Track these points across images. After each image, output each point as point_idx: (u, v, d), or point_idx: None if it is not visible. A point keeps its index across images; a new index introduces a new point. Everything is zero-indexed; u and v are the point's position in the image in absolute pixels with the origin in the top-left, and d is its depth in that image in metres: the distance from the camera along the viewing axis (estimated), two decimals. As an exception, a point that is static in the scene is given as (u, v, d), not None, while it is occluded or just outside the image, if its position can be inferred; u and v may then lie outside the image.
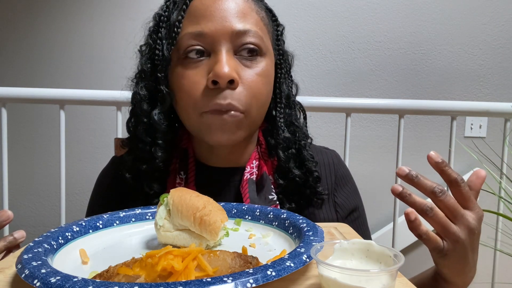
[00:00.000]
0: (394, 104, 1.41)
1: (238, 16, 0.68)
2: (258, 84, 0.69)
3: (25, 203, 2.14)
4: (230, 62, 0.67)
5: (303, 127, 0.82)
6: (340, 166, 0.85)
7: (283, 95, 0.78)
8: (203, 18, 0.68)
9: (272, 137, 0.78)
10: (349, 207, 0.82)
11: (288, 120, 0.79)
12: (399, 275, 0.46)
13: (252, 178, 0.75)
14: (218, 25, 0.67)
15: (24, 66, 2.11)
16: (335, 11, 2.12)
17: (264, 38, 0.71)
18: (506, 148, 1.43)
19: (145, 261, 0.42)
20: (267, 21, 0.75)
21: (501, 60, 2.16)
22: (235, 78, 0.66)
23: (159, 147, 0.73)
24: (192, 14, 0.69)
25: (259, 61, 0.70)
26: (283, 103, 0.78)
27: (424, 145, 2.14)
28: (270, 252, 0.54)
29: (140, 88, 0.73)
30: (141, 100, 0.73)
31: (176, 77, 0.70)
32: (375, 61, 2.14)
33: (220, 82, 0.65)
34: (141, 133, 0.73)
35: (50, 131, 2.07)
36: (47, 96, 1.33)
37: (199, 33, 0.67)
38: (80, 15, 2.10)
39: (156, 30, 0.72)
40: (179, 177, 0.75)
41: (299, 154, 0.78)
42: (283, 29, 0.80)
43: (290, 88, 0.81)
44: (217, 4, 0.68)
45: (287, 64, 0.80)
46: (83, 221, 0.59)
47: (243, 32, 0.68)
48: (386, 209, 2.08)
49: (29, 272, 0.40)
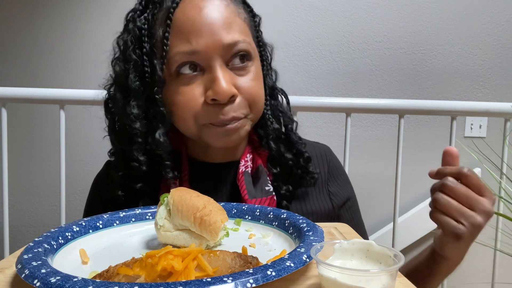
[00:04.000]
0: (394, 104, 1.41)
1: (225, 27, 0.67)
2: (255, 89, 0.71)
3: (25, 203, 2.14)
4: (226, 77, 0.67)
5: (287, 111, 0.84)
6: (332, 157, 0.88)
7: (267, 87, 0.79)
8: (191, 34, 0.66)
9: (262, 129, 0.79)
10: (344, 196, 0.84)
11: (275, 109, 0.81)
12: (399, 275, 0.46)
13: (248, 171, 0.76)
14: (208, 41, 0.66)
15: (24, 66, 2.11)
16: (335, 11, 2.12)
17: (250, 41, 0.72)
18: (506, 148, 1.43)
19: (145, 261, 0.42)
20: (247, 17, 0.74)
21: (501, 60, 2.16)
22: (235, 93, 0.67)
23: (163, 165, 0.71)
24: (178, 29, 0.66)
25: (250, 66, 0.71)
26: (268, 95, 0.79)
27: (424, 145, 2.14)
28: (270, 252, 0.54)
29: (132, 107, 0.69)
30: (134, 120, 0.69)
31: (171, 94, 0.69)
32: (375, 61, 2.14)
33: (221, 100, 0.66)
34: (137, 153, 0.70)
35: (50, 131, 2.07)
36: (47, 96, 1.33)
37: (191, 52, 0.66)
38: (80, 15, 2.10)
39: (140, 46, 0.69)
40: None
41: (288, 138, 0.80)
42: (260, 19, 0.79)
43: (272, 77, 0.83)
44: (202, 17, 0.66)
45: (268, 55, 0.81)
46: (83, 221, 0.59)
47: (233, 44, 0.67)
48: (386, 209, 2.08)
49: (29, 272, 0.40)
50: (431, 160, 2.10)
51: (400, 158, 1.42)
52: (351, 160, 1.42)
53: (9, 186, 1.37)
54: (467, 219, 0.61)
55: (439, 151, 0.65)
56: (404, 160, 1.43)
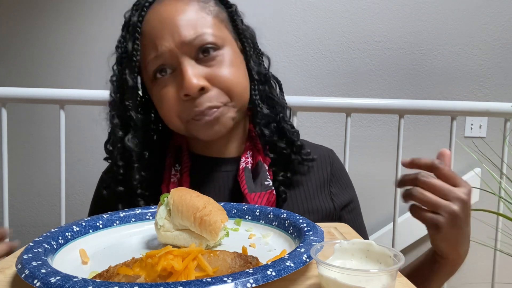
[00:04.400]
0: (394, 104, 1.41)
1: (185, 24, 0.70)
2: (229, 76, 0.72)
3: (25, 203, 2.14)
4: (195, 71, 0.70)
5: (279, 98, 0.84)
6: (335, 160, 0.89)
7: (253, 72, 0.79)
8: (157, 40, 0.71)
9: (254, 116, 0.80)
10: (345, 198, 0.85)
11: (264, 95, 0.81)
12: (399, 275, 0.46)
13: (248, 167, 0.78)
14: (170, 42, 0.70)
15: (24, 66, 2.11)
16: (335, 11, 2.11)
17: (218, 31, 0.73)
18: (506, 148, 1.43)
19: (145, 261, 0.42)
20: (217, 9, 0.76)
21: (501, 60, 2.16)
22: (204, 85, 0.70)
23: (135, 169, 0.75)
24: (147, 39, 0.72)
25: (219, 55, 0.72)
26: (255, 79, 0.79)
27: (424, 145, 2.14)
28: (270, 252, 0.54)
29: (112, 117, 0.77)
30: (114, 128, 0.77)
31: (154, 99, 0.76)
32: (375, 61, 2.14)
33: (191, 94, 0.69)
34: (116, 158, 0.76)
35: (50, 131, 2.06)
36: (47, 96, 1.33)
37: (157, 56, 0.71)
38: (80, 15, 2.10)
39: (119, 61, 0.76)
40: (174, 169, 0.78)
41: (280, 126, 0.82)
42: (235, 8, 0.80)
43: (261, 62, 0.83)
44: (162, 22, 0.71)
45: (249, 40, 0.81)
46: (83, 221, 0.59)
47: (194, 39, 0.70)
48: (386, 209, 2.08)
49: (29, 272, 0.40)
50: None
51: (400, 158, 1.42)
52: (351, 160, 1.42)
53: (9, 186, 1.37)
54: (443, 208, 0.63)
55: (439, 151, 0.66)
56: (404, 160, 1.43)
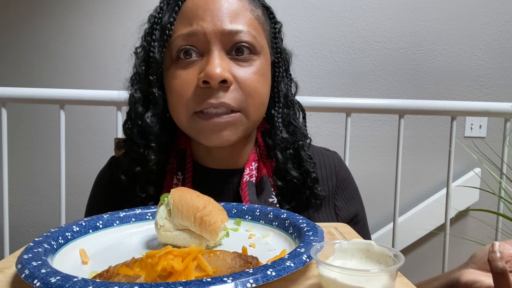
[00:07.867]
0: (394, 104, 1.41)
1: (230, 15, 0.67)
2: (253, 82, 0.68)
3: (25, 203, 2.14)
4: (222, 62, 0.66)
5: (301, 126, 0.80)
6: (341, 168, 0.84)
7: (281, 94, 0.77)
8: (194, 18, 0.67)
9: (271, 138, 0.77)
10: (351, 211, 0.81)
11: (286, 120, 0.78)
12: (399, 275, 0.46)
13: (252, 181, 0.73)
14: (209, 25, 0.66)
15: (24, 66, 2.11)
16: (335, 11, 2.12)
17: (258, 37, 0.70)
18: (506, 148, 1.43)
19: (145, 261, 0.42)
20: (263, 19, 0.74)
21: (501, 60, 2.16)
22: (228, 78, 0.65)
23: (152, 150, 0.72)
24: (184, 15, 0.69)
25: (253, 60, 0.69)
26: (281, 102, 0.77)
27: (424, 145, 2.14)
28: (270, 252, 0.53)
29: (135, 91, 0.73)
30: (135, 103, 0.73)
31: (169, 78, 0.70)
32: (375, 61, 2.14)
33: (211, 82, 0.65)
34: (135, 136, 0.73)
35: (50, 131, 2.07)
36: (47, 96, 1.33)
37: (190, 33, 0.67)
38: (81, 15, 2.10)
39: (150, 32, 0.72)
40: (176, 178, 0.74)
41: (297, 154, 0.76)
42: (281, 26, 0.79)
43: (289, 87, 0.80)
44: (209, 4, 0.67)
45: (285, 62, 0.79)
46: (83, 221, 0.59)
47: (234, 32, 0.67)
48: (386, 209, 2.08)
49: (29, 272, 0.40)
50: (431, 160, 2.10)
51: (400, 158, 1.42)
52: (351, 160, 1.42)
53: (9, 186, 1.37)
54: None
55: (439, 151, 0.66)
56: (404, 160, 1.43)
